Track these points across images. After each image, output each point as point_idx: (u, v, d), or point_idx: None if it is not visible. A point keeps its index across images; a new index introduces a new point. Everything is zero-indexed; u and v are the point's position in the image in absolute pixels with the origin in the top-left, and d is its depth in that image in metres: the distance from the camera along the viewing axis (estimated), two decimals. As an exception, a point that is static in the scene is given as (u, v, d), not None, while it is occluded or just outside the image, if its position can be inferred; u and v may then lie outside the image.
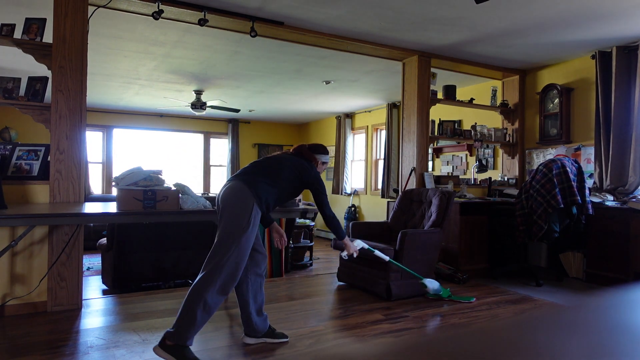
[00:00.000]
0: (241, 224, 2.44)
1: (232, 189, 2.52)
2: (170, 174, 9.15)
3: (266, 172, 2.61)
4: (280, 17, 4.17)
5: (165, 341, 2.35)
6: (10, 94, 3.41)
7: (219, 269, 2.39)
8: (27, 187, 3.36)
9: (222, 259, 2.40)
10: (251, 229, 2.47)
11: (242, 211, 2.45)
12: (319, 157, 2.89)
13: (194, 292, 2.37)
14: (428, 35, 4.64)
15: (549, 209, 4.20)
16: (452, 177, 5.56)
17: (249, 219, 2.45)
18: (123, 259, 4.26)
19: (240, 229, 2.43)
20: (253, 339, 2.75)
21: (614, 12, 3.94)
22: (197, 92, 7.27)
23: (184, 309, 2.36)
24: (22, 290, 3.28)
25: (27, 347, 2.65)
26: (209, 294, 2.36)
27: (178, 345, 2.33)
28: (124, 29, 4.47)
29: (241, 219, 2.44)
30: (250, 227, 2.45)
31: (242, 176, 2.57)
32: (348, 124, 9.07)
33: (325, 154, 2.95)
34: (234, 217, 2.45)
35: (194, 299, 2.36)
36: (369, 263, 4.00)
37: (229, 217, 2.46)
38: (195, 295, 2.36)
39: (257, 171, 2.61)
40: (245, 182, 2.51)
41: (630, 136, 4.62)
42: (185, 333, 2.34)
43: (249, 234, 2.46)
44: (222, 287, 2.39)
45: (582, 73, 5.24)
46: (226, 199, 2.50)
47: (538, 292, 4.24)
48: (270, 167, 2.67)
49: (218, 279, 2.38)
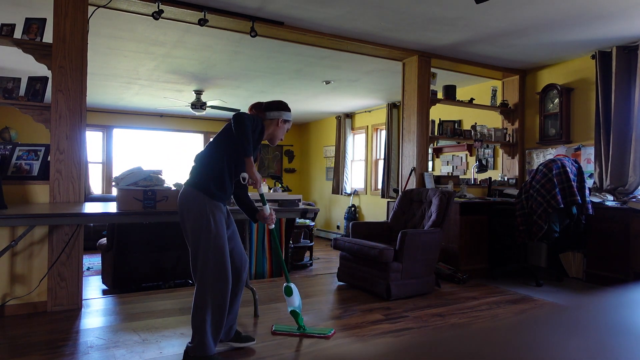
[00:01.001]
0: (203, 227, 2.35)
1: (181, 198, 2.43)
2: (170, 174, 9.15)
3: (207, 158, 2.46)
4: (280, 17, 4.17)
5: (187, 355, 2.39)
6: (10, 94, 3.41)
7: (205, 276, 2.37)
8: (27, 187, 3.36)
9: (205, 268, 2.36)
10: (215, 226, 2.36)
11: (198, 215, 2.36)
12: (278, 114, 2.60)
13: (197, 307, 2.38)
14: (428, 35, 4.64)
15: (549, 209, 4.20)
16: (452, 177, 5.56)
17: (207, 216, 2.35)
18: (123, 259, 4.25)
19: (206, 231, 2.35)
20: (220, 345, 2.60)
21: (614, 12, 3.94)
22: (197, 92, 7.27)
23: (194, 323, 2.38)
24: (22, 290, 3.28)
25: (27, 347, 2.65)
26: (206, 301, 2.37)
27: (199, 356, 2.35)
28: (124, 29, 4.47)
29: (200, 222, 2.35)
30: (212, 224, 2.35)
31: (188, 179, 2.47)
32: (348, 124, 9.07)
33: (285, 110, 2.65)
34: (195, 225, 2.37)
35: (197, 311, 2.37)
36: (369, 263, 4.00)
37: (189, 226, 2.39)
38: (197, 307, 2.38)
39: (199, 164, 2.47)
40: (190, 184, 2.42)
41: (630, 136, 4.62)
42: (205, 343, 2.35)
43: (217, 231, 2.36)
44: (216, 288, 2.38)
45: (582, 73, 5.24)
46: (181, 211, 2.42)
47: (538, 292, 4.24)
48: (211, 144, 2.50)
49: (206, 286, 2.37)
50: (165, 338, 2.83)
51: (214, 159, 2.44)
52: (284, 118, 2.65)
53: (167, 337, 2.86)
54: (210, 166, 2.43)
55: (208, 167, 2.43)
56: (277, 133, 2.66)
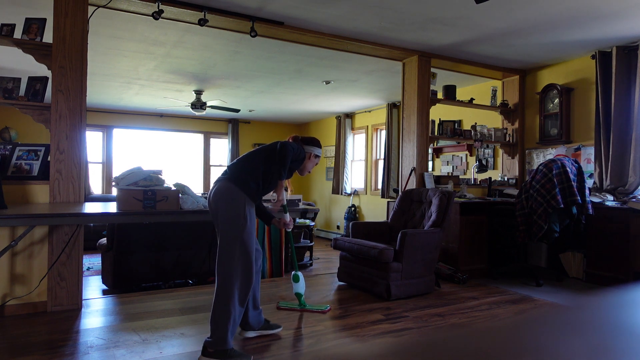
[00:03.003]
0: (238, 223, 2.50)
1: (220, 191, 2.55)
2: (170, 174, 9.15)
3: (250, 165, 2.65)
4: (280, 17, 4.17)
5: (207, 350, 2.44)
6: (10, 94, 3.41)
7: (234, 270, 2.47)
8: (27, 187, 3.36)
9: (233, 261, 2.47)
10: (249, 224, 2.53)
11: (235, 211, 2.50)
12: (311, 149, 2.93)
13: (219, 297, 2.45)
14: (428, 35, 4.64)
15: (549, 209, 4.20)
16: (452, 177, 5.56)
17: (244, 215, 2.51)
18: (123, 259, 4.25)
19: (239, 227, 2.50)
20: (252, 332, 2.84)
21: (614, 12, 3.94)
22: (197, 92, 7.27)
23: (215, 316, 2.44)
24: (22, 290, 3.28)
25: (27, 347, 2.65)
26: (233, 295, 2.45)
27: (219, 350, 2.41)
28: (124, 29, 4.47)
29: (237, 218, 2.50)
30: (247, 222, 2.52)
31: (227, 174, 2.62)
32: (348, 124, 9.07)
33: (318, 147, 2.99)
34: (229, 219, 2.50)
35: (221, 305, 2.44)
36: (369, 263, 4.00)
37: (225, 220, 2.51)
38: (222, 301, 2.44)
39: (242, 167, 2.64)
40: (231, 180, 2.56)
41: (630, 136, 4.62)
42: (225, 337, 2.42)
43: (249, 229, 2.53)
44: (242, 283, 2.49)
45: (582, 73, 5.24)
46: (217, 202, 2.55)
47: (538, 292, 4.24)
48: (254, 158, 2.70)
49: (235, 279, 2.47)
50: (165, 338, 2.83)
51: (253, 166, 2.65)
52: (315, 153, 2.98)
53: (167, 337, 2.86)
54: (248, 169, 2.63)
55: (247, 170, 2.62)
56: (307, 165, 2.97)
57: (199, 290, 4.09)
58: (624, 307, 0.50)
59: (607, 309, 0.48)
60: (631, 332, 0.42)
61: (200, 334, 2.86)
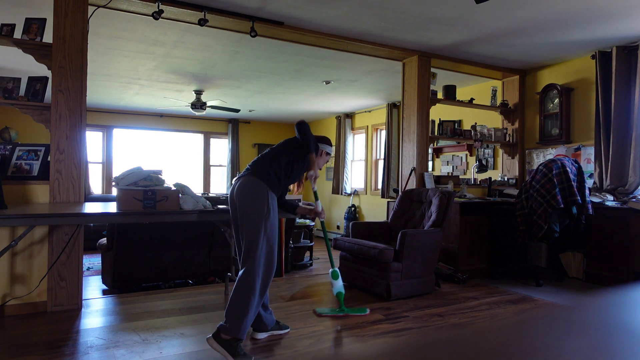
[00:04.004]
0: (262, 213, 2.56)
1: (243, 185, 2.63)
2: (170, 174, 9.15)
3: (270, 157, 2.74)
4: (280, 17, 4.17)
5: (220, 334, 2.44)
6: (10, 94, 3.41)
7: (258, 261, 2.51)
8: (27, 187, 3.36)
9: (257, 251, 2.52)
10: (272, 215, 2.60)
11: (258, 202, 2.57)
12: (323, 146, 3.02)
13: (241, 286, 2.48)
14: (428, 35, 4.64)
15: (549, 209, 4.20)
16: (452, 177, 5.56)
17: (267, 205, 2.58)
18: (123, 259, 4.25)
19: (262, 217, 2.56)
20: (263, 334, 2.85)
21: (614, 12, 3.94)
22: (197, 92, 7.27)
23: (234, 304, 2.46)
24: (22, 290, 3.28)
25: (27, 347, 2.65)
26: (255, 285, 2.48)
27: (234, 339, 2.43)
28: (124, 29, 4.47)
29: (260, 208, 2.56)
30: (271, 212, 2.59)
31: (249, 170, 2.70)
32: (348, 124, 9.07)
33: (329, 145, 3.09)
34: (253, 210, 2.56)
35: (242, 293, 2.47)
36: (369, 263, 4.00)
37: (249, 212, 2.57)
38: (243, 289, 2.48)
39: (262, 160, 2.74)
40: (253, 174, 2.64)
41: (630, 136, 4.62)
42: (240, 326, 2.43)
43: (272, 219, 2.59)
44: (265, 274, 2.53)
45: (582, 73, 5.24)
46: (241, 195, 2.61)
47: (538, 292, 4.24)
48: (274, 150, 2.80)
49: (259, 269, 2.51)
50: (165, 338, 2.83)
51: (275, 161, 2.72)
52: (327, 151, 3.05)
53: (167, 337, 2.86)
54: (271, 164, 2.71)
55: (270, 164, 2.70)
56: (319, 161, 3.01)
57: (199, 290, 4.09)
58: (624, 307, 0.50)
59: (607, 309, 0.48)
60: (631, 332, 0.42)
61: (200, 334, 2.86)
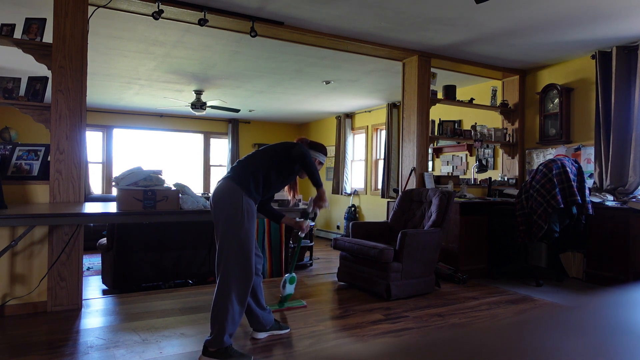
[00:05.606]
0: (236, 220, 2.47)
1: (219, 190, 2.56)
2: (170, 174, 9.15)
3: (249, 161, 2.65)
4: (280, 17, 4.16)
5: (207, 349, 2.45)
6: (10, 94, 3.41)
7: (231, 268, 2.46)
8: (27, 187, 3.36)
9: (229, 258, 2.46)
10: (247, 221, 2.49)
11: (233, 207, 2.48)
12: (316, 154, 2.89)
13: (217, 296, 2.46)
14: (428, 35, 4.64)
15: (549, 209, 4.20)
16: (452, 177, 5.56)
17: (241, 211, 2.48)
18: (123, 259, 4.25)
19: (237, 224, 2.47)
20: (263, 333, 2.85)
21: (614, 12, 3.94)
22: (197, 92, 7.27)
23: (215, 316, 2.45)
24: (22, 290, 3.28)
25: (27, 347, 2.65)
26: (230, 292, 2.44)
27: (220, 349, 2.42)
28: (124, 29, 4.47)
29: (234, 215, 2.48)
30: (245, 219, 2.48)
31: (228, 174, 2.62)
32: (348, 124, 9.07)
33: (324, 153, 2.95)
34: (227, 216, 2.49)
35: (219, 302, 2.45)
36: (369, 263, 4.00)
37: (223, 218, 2.50)
38: (219, 298, 2.45)
39: (244, 164, 2.64)
40: (230, 178, 2.56)
41: (630, 136, 4.61)
42: (223, 337, 2.43)
43: (247, 227, 2.49)
44: (240, 281, 2.47)
45: (582, 73, 5.24)
46: (216, 201, 2.55)
47: (538, 292, 4.24)
48: (257, 154, 2.71)
49: (232, 277, 2.46)
50: (165, 338, 2.83)
51: (255, 166, 2.62)
52: (320, 160, 2.93)
53: (167, 337, 2.86)
54: (251, 169, 2.60)
55: (249, 169, 2.60)
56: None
57: (199, 290, 4.09)
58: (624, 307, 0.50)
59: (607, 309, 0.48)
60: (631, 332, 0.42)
61: (200, 334, 2.86)
